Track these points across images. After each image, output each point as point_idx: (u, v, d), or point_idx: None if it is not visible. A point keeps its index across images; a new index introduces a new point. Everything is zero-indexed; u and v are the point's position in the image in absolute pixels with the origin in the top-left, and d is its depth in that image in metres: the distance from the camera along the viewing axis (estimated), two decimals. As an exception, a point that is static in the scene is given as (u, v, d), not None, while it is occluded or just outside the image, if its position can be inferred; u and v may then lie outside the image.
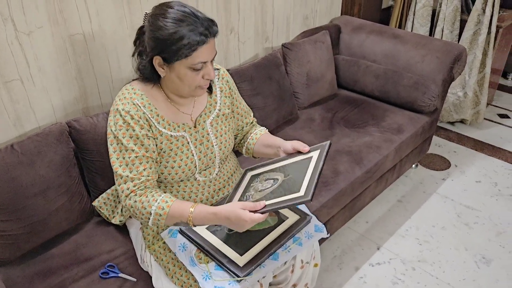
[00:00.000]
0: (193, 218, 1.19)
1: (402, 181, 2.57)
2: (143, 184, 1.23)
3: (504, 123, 3.17)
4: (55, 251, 1.48)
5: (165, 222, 1.22)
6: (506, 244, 2.14)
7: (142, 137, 1.23)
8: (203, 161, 1.36)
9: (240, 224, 1.15)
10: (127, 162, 1.23)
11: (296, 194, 1.16)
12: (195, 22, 1.15)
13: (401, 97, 2.36)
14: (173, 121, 1.31)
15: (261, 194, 1.24)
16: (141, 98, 1.26)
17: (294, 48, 2.28)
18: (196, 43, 1.15)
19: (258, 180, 1.33)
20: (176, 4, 1.19)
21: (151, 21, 1.18)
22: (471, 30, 2.78)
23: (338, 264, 2.04)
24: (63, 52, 1.57)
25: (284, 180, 1.25)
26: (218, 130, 1.40)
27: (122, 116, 1.22)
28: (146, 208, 1.21)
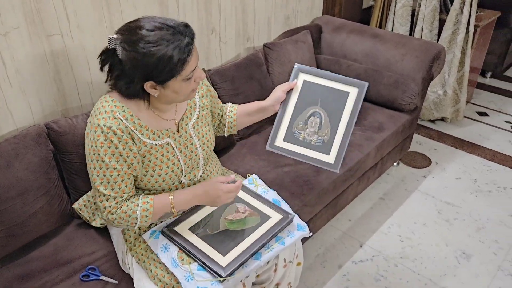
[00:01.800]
0: (175, 205, 1.26)
1: (384, 179, 2.60)
2: (124, 199, 1.24)
3: (483, 121, 3.23)
4: (35, 254, 1.46)
5: (151, 220, 1.26)
6: (486, 239, 2.19)
7: (125, 154, 1.21)
8: (188, 164, 1.36)
9: (218, 200, 1.27)
10: (109, 180, 1.21)
11: (326, 158, 1.46)
12: (176, 36, 1.13)
13: (382, 96, 2.38)
14: (156, 129, 1.29)
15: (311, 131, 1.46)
16: (122, 110, 1.22)
17: (276, 48, 2.28)
18: (186, 57, 1.15)
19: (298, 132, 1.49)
20: (146, 22, 1.14)
21: (131, 49, 1.12)
22: (449, 30, 2.83)
23: (321, 262, 2.05)
24: (41, 52, 1.55)
25: (325, 110, 1.47)
26: (199, 131, 1.41)
27: (104, 132, 1.18)
28: (131, 216, 1.22)
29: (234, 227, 1.35)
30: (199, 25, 2.08)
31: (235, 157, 1.99)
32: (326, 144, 1.46)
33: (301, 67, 1.52)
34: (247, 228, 1.35)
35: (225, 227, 1.35)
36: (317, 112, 1.48)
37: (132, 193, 1.27)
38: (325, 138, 1.47)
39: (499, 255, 2.09)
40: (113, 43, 1.15)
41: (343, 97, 1.47)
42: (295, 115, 1.50)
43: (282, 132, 1.51)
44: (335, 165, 1.45)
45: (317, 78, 1.50)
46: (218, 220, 1.38)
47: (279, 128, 1.51)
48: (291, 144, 1.50)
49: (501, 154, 2.84)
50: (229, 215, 1.39)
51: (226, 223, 1.37)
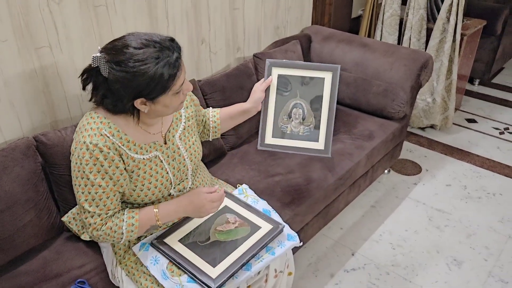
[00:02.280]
0: (160, 217, 1.27)
1: (375, 187, 2.62)
2: (109, 216, 1.23)
3: (472, 128, 3.27)
4: (23, 268, 1.44)
5: (137, 235, 1.25)
6: (476, 246, 2.20)
7: (111, 171, 1.20)
8: (177, 176, 1.37)
9: (203, 210, 1.27)
10: (94, 197, 1.20)
11: (316, 146, 1.51)
12: (164, 51, 1.13)
13: (371, 104, 2.40)
14: (144, 143, 1.29)
15: None
16: (108, 127, 1.21)
17: (266, 57, 2.29)
18: (176, 72, 1.15)
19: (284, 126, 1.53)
20: (132, 40, 1.13)
21: (119, 68, 1.11)
22: (437, 38, 2.86)
23: (313, 272, 2.05)
24: (30, 65, 1.55)
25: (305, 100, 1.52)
26: (186, 142, 1.41)
27: (90, 150, 1.17)
28: (116, 231, 1.22)
29: (224, 237, 1.35)
30: (189, 36, 2.09)
31: (226, 167, 1.99)
32: (313, 132, 1.53)
33: (273, 61, 1.56)
34: (237, 238, 1.35)
35: (215, 238, 1.35)
36: (298, 103, 1.54)
37: (118, 209, 1.26)
38: (311, 126, 1.53)
39: (489, 261, 2.11)
40: (96, 62, 1.14)
41: (320, 83, 1.53)
42: (278, 110, 1.56)
43: (269, 129, 1.56)
44: (326, 150, 1.53)
45: (290, 70, 1.55)
46: (208, 231, 1.38)
47: (265, 126, 1.56)
48: (280, 139, 1.55)
49: (490, 161, 2.87)
50: (219, 226, 1.39)
51: (216, 234, 1.36)
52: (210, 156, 2.00)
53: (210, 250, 1.31)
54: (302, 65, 1.55)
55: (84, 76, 1.21)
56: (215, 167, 1.99)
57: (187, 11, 2.03)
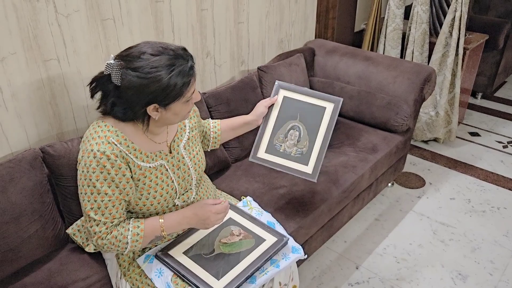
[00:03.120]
0: (165, 228, 1.27)
1: (379, 200, 2.61)
2: (114, 225, 1.24)
3: (475, 141, 3.27)
4: (28, 280, 1.44)
5: (141, 245, 1.25)
6: (481, 260, 2.19)
7: (117, 179, 1.21)
8: (182, 185, 1.37)
9: (207, 221, 1.27)
10: (100, 205, 1.20)
11: (304, 169, 1.54)
12: (179, 59, 1.16)
13: (375, 117, 2.41)
14: (150, 152, 1.30)
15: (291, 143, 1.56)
16: (116, 135, 1.22)
17: (270, 71, 2.32)
18: (189, 80, 1.19)
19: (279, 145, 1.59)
20: (148, 47, 1.16)
21: (136, 74, 1.13)
22: (439, 52, 2.88)
23: (317, 285, 2.04)
24: (37, 77, 1.57)
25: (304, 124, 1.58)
26: (191, 152, 1.43)
27: (97, 158, 1.18)
28: (121, 241, 1.22)
29: (228, 250, 1.35)
30: (194, 49, 2.11)
31: (230, 179, 1.99)
32: (305, 156, 1.56)
33: (281, 83, 1.64)
34: (241, 251, 1.35)
35: (220, 250, 1.35)
36: (296, 125, 1.60)
37: (123, 218, 1.26)
38: (304, 150, 1.57)
39: (495, 276, 2.09)
40: (110, 69, 1.16)
41: (320, 111, 1.59)
42: (276, 128, 1.61)
43: (264, 144, 1.61)
44: (313, 175, 1.55)
45: (296, 94, 1.62)
46: (213, 243, 1.37)
47: (261, 141, 1.62)
48: (272, 156, 1.59)
49: (493, 174, 2.87)
50: (223, 238, 1.39)
51: (220, 246, 1.36)
52: (215, 168, 2.01)
53: (215, 262, 1.30)
54: (308, 92, 1.61)
55: (93, 84, 1.23)
56: (220, 179, 2.00)
57: (192, 25, 2.06)
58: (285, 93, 1.63)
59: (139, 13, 1.80)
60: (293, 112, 1.60)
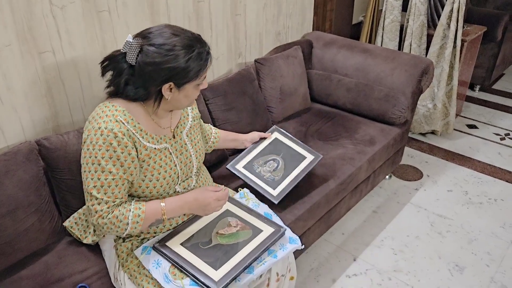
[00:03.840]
0: (167, 211, 1.27)
1: (377, 192, 2.61)
2: (116, 204, 1.24)
3: (473, 133, 3.27)
4: (24, 273, 1.44)
5: (141, 228, 1.26)
6: (478, 251, 2.19)
7: (123, 158, 1.22)
8: (184, 171, 1.40)
9: (206, 202, 1.28)
10: (103, 183, 1.21)
11: (271, 191, 1.70)
12: (198, 44, 1.22)
13: (373, 110, 2.41)
14: (155, 134, 1.33)
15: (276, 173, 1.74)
16: (123, 114, 1.24)
17: (267, 63, 2.31)
18: (206, 63, 1.23)
19: (257, 166, 1.75)
20: (169, 28, 1.22)
21: (158, 51, 1.17)
22: (437, 44, 2.88)
23: (315, 277, 2.04)
24: (33, 69, 1.56)
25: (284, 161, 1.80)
26: (192, 140, 1.46)
27: (104, 135, 1.19)
28: (122, 221, 1.22)
29: (226, 241, 1.35)
30: (190, 42, 2.10)
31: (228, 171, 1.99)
32: (275, 182, 1.74)
33: (278, 128, 1.92)
34: (239, 242, 1.35)
35: (217, 241, 1.35)
36: (277, 159, 1.81)
37: (125, 199, 1.27)
38: (276, 178, 1.75)
39: (491, 267, 2.10)
40: (127, 47, 1.19)
41: (301, 158, 1.83)
42: (259, 155, 1.82)
43: (245, 161, 1.79)
44: (276, 197, 1.70)
45: (286, 140, 1.88)
46: (210, 234, 1.37)
47: (243, 158, 1.79)
48: (248, 172, 1.76)
49: (491, 166, 2.87)
50: (221, 229, 1.39)
51: (218, 237, 1.36)
52: (212, 161, 2.00)
53: (212, 253, 1.31)
54: (297, 142, 1.88)
55: (106, 63, 1.25)
56: (217, 171, 1.99)
57: (189, 17, 2.04)
58: (278, 136, 1.89)
59: (134, 4, 1.79)
60: (278, 150, 1.84)
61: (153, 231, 1.38)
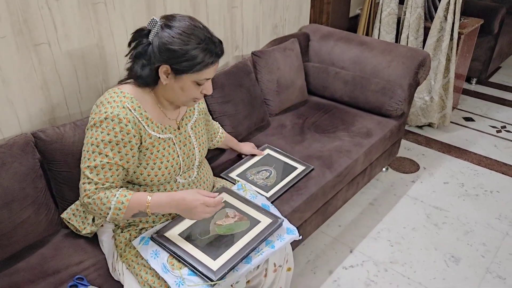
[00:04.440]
0: (151, 205, 1.25)
1: (373, 185, 2.62)
2: (104, 187, 1.25)
3: (469, 126, 3.28)
4: (21, 265, 1.44)
5: (124, 215, 1.24)
6: (474, 242, 2.21)
7: (122, 144, 1.24)
8: (186, 162, 1.41)
9: (193, 208, 1.23)
10: (97, 165, 1.23)
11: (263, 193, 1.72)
12: (211, 43, 1.22)
13: (369, 102, 2.41)
14: (160, 123, 1.34)
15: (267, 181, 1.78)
16: (131, 101, 1.27)
17: (264, 55, 2.30)
18: (208, 63, 1.23)
19: (250, 175, 1.80)
20: (194, 20, 1.23)
21: (167, 31, 1.20)
22: (434, 37, 2.88)
23: (312, 269, 2.05)
24: (28, 62, 1.55)
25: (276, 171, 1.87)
26: (197, 133, 1.47)
27: (108, 119, 1.22)
28: (105, 204, 1.23)
29: (224, 231, 1.36)
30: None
31: (226, 164, 1.99)
32: (268, 187, 1.79)
33: (270, 146, 2.04)
34: (237, 232, 1.35)
35: (215, 232, 1.35)
36: (269, 169, 1.90)
37: (116, 185, 1.28)
38: (269, 183, 1.81)
39: (487, 258, 2.11)
40: (151, 25, 1.22)
41: (292, 169, 1.92)
42: (252, 167, 1.91)
43: (238, 171, 1.87)
44: (269, 198, 1.73)
45: (278, 155, 1.99)
46: (208, 225, 1.38)
47: (236, 169, 1.88)
48: (241, 179, 1.82)
49: (487, 159, 2.88)
50: (218, 220, 1.39)
51: (216, 228, 1.37)
52: (210, 153, 2.00)
53: (210, 243, 1.31)
54: (288, 156, 1.98)
55: (133, 34, 1.27)
56: (215, 163, 2.00)
57: (185, 9, 2.03)
58: (270, 152, 2.01)
59: (130, -4, 1.78)
60: (270, 163, 1.94)
61: (152, 220, 1.38)
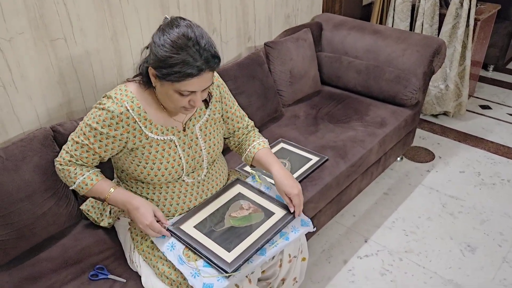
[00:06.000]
0: (110, 198, 1.33)
1: (388, 174, 2.61)
2: (77, 164, 1.33)
3: (486, 114, 3.23)
4: (43, 255, 1.49)
5: (85, 194, 1.34)
6: (490, 231, 2.19)
7: (105, 136, 1.28)
8: (190, 164, 1.39)
9: (139, 221, 1.29)
10: (78, 142, 1.30)
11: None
12: (194, 53, 1.14)
13: (383, 91, 2.39)
14: (161, 125, 1.33)
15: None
16: (131, 101, 1.27)
17: (277, 46, 2.30)
18: (187, 75, 1.16)
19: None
20: (185, 26, 1.18)
21: (159, 35, 1.18)
22: (450, 24, 2.83)
23: (326, 258, 2.07)
24: (45, 57, 1.58)
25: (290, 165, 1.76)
26: (207, 134, 1.43)
27: (103, 111, 1.26)
28: (71, 178, 1.33)
29: (238, 223, 1.37)
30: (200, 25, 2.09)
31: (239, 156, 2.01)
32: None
33: (285, 140, 2.08)
34: (251, 224, 1.37)
35: (230, 224, 1.37)
36: (284, 161, 1.94)
37: (89, 166, 1.35)
38: None
39: (504, 247, 2.10)
40: (163, 23, 1.23)
41: (306, 160, 1.96)
42: None
43: None
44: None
45: (292, 148, 2.03)
46: (223, 217, 1.40)
47: None
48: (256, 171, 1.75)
49: (504, 147, 2.84)
50: (233, 212, 1.41)
51: (230, 220, 1.39)
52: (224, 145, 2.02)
53: (225, 235, 1.33)
54: (303, 148, 2.02)
55: None
56: (228, 155, 2.01)
57: (198, 1, 2.04)
58: (284, 145, 2.04)
59: (143, -10, 1.79)
60: (285, 155, 1.99)
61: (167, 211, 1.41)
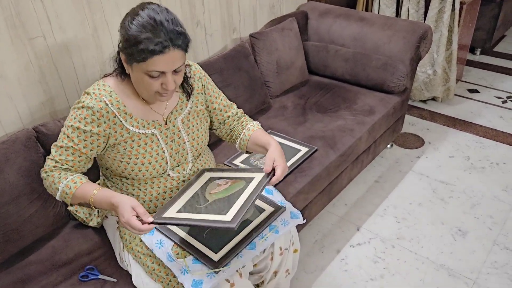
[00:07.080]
0: (94, 200, 1.24)
1: (378, 162, 2.62)
2: (62, 168, 1.29)
3: (474, 98, 3.24)
4: (32, 258, 1.47)
5: (71, 201, 1.27)
6: (481, 215, 2.21)
7: (89, 133, 1.25)
8: (175, 157, 1.37)
9: (119, 217, 1.17)
10: (62, 146, 1.28)
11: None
12: (157, 31, 1.13)
13: (371, 79, 2.38)
14: (142, 119, 1.31)
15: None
16: (109, 95, 1.26)
17: (262, 37, 2.28)
18: (150, 51, 1.13)
19: (253, 160, 1.73)
20: (151, 9, 1.16)
21: (128, 17, 1.18)
22: (435, 9, 2.82)
23: (319, 248, 2.07)
24: (24, 56, 1.54)
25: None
26: (190, 127, 1.41)
27: (83, 109, 1.24)
28: (55, 184, 1.27)
29: (221, 195, 1.30)
30: (183, 19, 2.06)
31: (228, 149, 1.99)
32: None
33: (273, 132, 2.07)
34: (235, 192, 1.30)
35: (213, 198, 1.30)
36: None
37: (74, 170, 1.30)
38: None
39: (494, 230, 2.12)
40: None
41: (295, 151, 1.94)
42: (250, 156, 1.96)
43: (241, 159, 1.92)
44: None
45: (281, 139, 2.01)
46: (204, 196, 1.33)
47: (240, 156, 1.93)
48: (244, 165, 1.88)
49: (492, 130, 2.86)
50: (212, 190, 1.35)
51: (213, 195, 1.32)
52: (212, 139, 2.00)
53: (213, 206, 1.26)
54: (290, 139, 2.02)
55: None
56: (217, 149, 2.00)
57: (180, -6, 2.00)
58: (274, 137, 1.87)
59: (123, -16, 1.75)
60: None
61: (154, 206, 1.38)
